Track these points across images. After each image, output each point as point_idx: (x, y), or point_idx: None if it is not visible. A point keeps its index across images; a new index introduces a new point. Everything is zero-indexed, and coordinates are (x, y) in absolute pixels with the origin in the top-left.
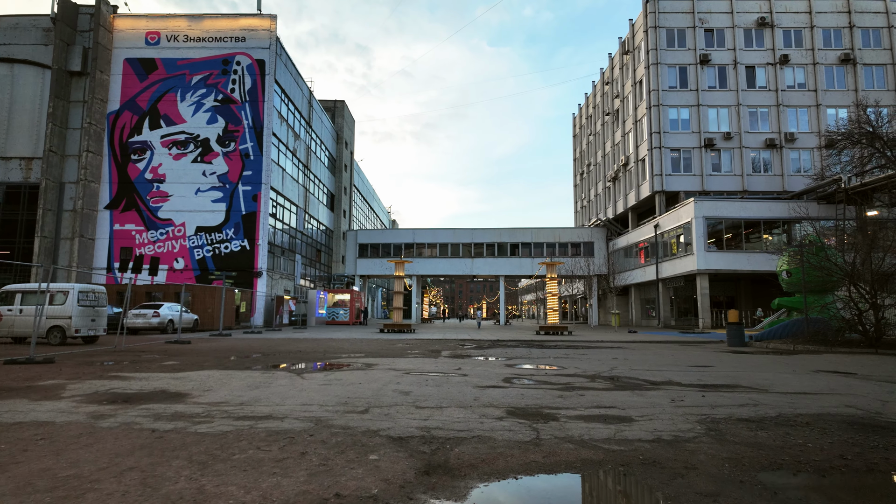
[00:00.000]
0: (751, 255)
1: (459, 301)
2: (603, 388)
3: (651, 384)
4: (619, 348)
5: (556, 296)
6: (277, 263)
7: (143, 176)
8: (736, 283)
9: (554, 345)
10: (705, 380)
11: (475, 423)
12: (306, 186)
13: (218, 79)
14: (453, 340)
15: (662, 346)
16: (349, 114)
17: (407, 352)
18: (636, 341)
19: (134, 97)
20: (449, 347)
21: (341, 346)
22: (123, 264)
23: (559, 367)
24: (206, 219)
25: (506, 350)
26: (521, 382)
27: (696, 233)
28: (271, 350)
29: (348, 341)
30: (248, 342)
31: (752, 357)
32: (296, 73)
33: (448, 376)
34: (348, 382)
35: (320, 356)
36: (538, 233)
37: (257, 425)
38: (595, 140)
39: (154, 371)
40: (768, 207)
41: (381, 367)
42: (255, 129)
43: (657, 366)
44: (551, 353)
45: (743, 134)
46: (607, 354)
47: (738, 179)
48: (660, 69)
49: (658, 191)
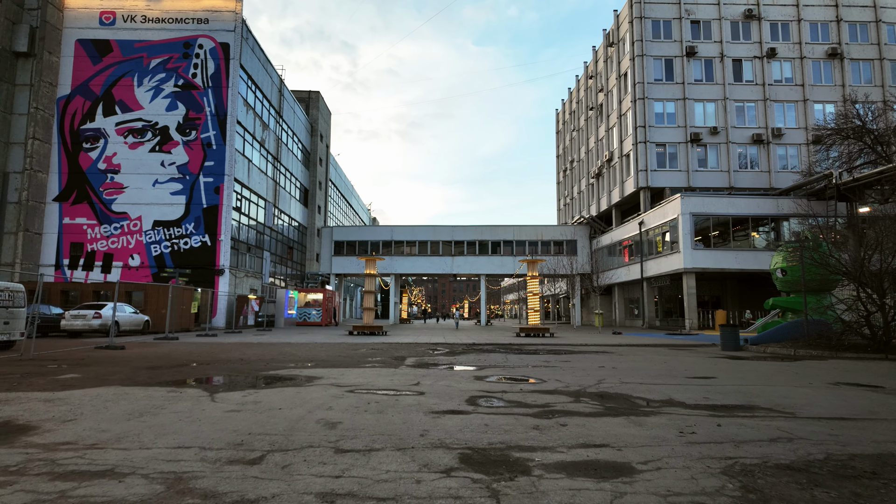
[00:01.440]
0: (739, 253)
1: (442, 301)
2: (590, 411)
3: (648, 405)
4: (605, 353)
5: (537, 295)
6: (242, 261)
7: (95, 166)
8: (722, 283)
9: (534, 349)
10: (713, 398)
11: (409, 483)
12: (276, 179)
13: (178, 63)
14: (425, 344)
15: (651, 350)
16: (325, 105)
17: (367, 359)
18: (623, 344)
19: (86, 81)
20: (417, 353)
21: (294, 353)
22: (73, 261)
23: (538, 381)
24: (165, 212)
25: (479, 356)
26: (489, 404)
27: (683, 230)
28: (211, 358)
29: (307, 346)
30: (192, 348)
31: (753, 364)
32: (265, 60)
33: (399, 396)
34: (267, 407)
35: (261, 366)
36: (520, 230)
37: (76, 490)
38: (578, 136)
39: (33, 389)
40: (757, 204)
41: (324, 381)
42: (219, 116)
43: (651, 377)
44: (530, 359)
45: (729, 129)
46: (593, 361)
47: (725, 176)
48: (645, 61)
49: (643, 187)
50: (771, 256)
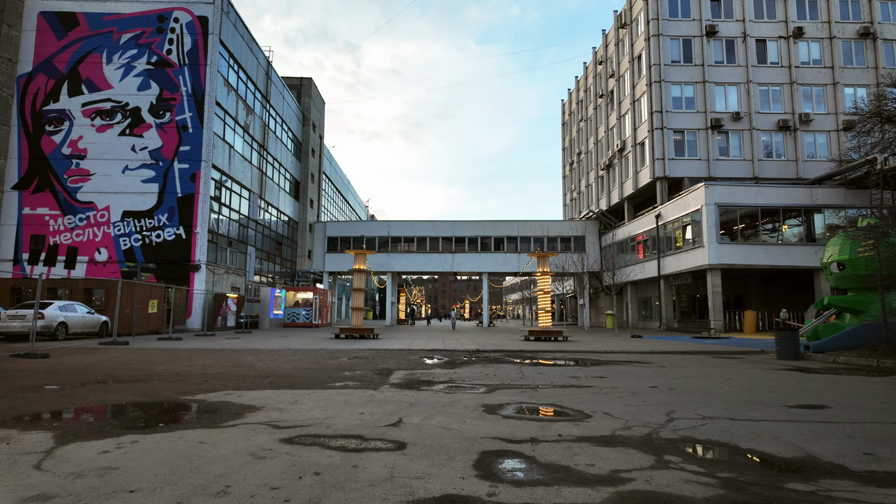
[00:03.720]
0: (768, 248)
1: (442, 300)
2: (704, 497)
3: (790, 474)
4: (642, 364)
5: (548, 294)
6: (222, 256)
7: (59, 151)
8: (745, 281)
9: (552, 358)
10: (877, 452)
11: None
12: (262, 169)
13: (152, 38)
14: (419, 351)
15: (696, 359)
16: (318, 93)
17: (341, 373)
18: (655, 351)
19: (50, 58)
20: (407, 364)
21: (255, 364)
22: (34, 255)
23: (577, 414)
24: (135, 202)
25: (487, 369)
26: (514, 475)
27: (707, 222)
28: (140, 373)
29: (276, 354)
30: (135, 355)
31: (842, 380)
32: (249, 39)
33: (362, 455)
34: (116, 486)
35: (193, 387)
36: (525, 226)
37: None
38: (587, 126)
39: None
40: (788, 194)
41: (258, 417)
42: (196, 97)
43: (735, 406)
44: (553, 374)
45: (753, 114)
46: (637, 377)
47: (748, 165)
48: (661, 41)
49: (659, 177)
50: (805, 251)
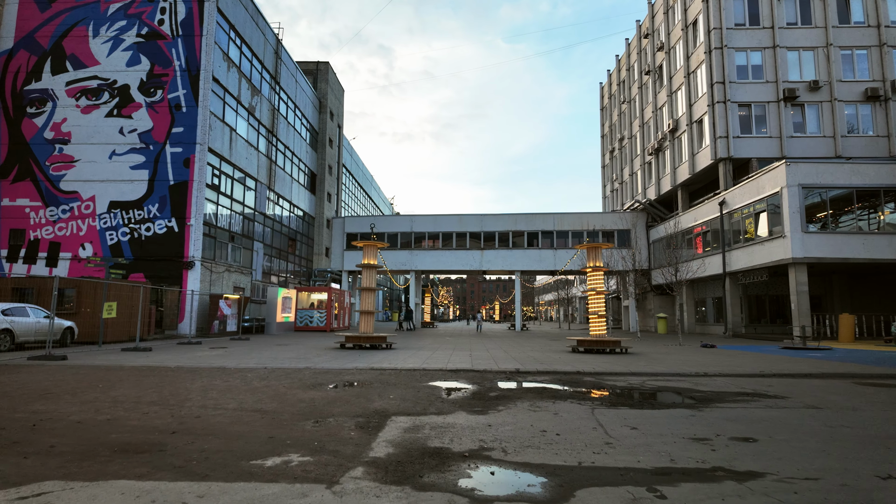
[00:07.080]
0: (867, 238)
1: (471, 301)
2: None
3: None
4: (774, 399)
5: (602, 294)
6: (223, 252)
7: (41, 135)
8: (827, 279)
9: (628, 387)
10: None
11: None
12: (271, 157)
13: (142, 7)
14: (437, 372)
15: (842, 388)
16: (335, 79)
17: (297, 429)
18: (763, 374)
19: (32, 32)
20: (414, 401)
21: (175, 404)
22: (13, 251)
23: None
24: (123, 191)
25: (539, 415)
26: None
27: (790, 208)
28: (33, 417)
29: (239, 377)
30: (52, 380)
31: None
32: (254, 11)
33: None
34: None
35: (64, 456)
36: (562, 219)
37: None
38: (630, 108)
39: None
40: (891, 171)
41: None
42: (190, 72)
43: None
44: (655, 429)
45: (835, 83)
46: (817, 439)
47: (830, 142)
48: (723, 1)
49: (723, 158)
50: None
